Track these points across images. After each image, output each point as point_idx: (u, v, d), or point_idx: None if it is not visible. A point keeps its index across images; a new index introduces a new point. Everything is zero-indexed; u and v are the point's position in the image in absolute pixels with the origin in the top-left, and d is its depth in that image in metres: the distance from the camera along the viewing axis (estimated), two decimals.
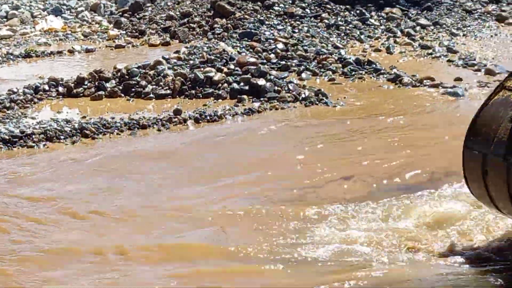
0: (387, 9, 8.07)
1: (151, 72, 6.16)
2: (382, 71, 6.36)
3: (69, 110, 5.71)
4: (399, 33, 7.58)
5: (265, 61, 6.50)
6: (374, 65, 6.44)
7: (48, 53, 7.38)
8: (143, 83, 6.05)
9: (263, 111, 5.52)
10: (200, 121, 5.33)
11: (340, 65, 6.52)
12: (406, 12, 8.06)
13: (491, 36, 7.74)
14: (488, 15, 8.42)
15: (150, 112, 5.55)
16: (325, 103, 5.66)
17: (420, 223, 3.71)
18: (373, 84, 6.19)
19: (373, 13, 7.95)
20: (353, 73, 6.36)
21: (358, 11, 7.96)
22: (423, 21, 7.93)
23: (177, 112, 5.43)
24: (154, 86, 6.04)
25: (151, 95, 5.95)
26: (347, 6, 8.01)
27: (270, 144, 4.89)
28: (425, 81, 6.07)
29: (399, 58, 6.93)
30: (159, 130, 5.18)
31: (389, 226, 3.70)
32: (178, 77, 6.03)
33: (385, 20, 7.88)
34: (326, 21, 7.69)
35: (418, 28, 7.76)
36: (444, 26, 7.92)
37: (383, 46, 7.21)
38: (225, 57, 6.36)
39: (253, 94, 5.85)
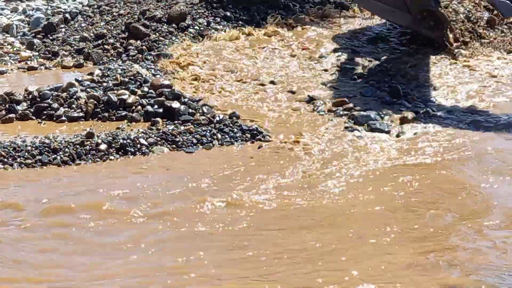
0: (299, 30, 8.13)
1: (64, 95, 6.07)
2: None
3: None
4: None
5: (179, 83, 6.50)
6: None
7: None
8: (55, 105, 5.96)
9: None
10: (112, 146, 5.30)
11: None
12: None
13: None
14: None
15: (62, 135, 5.49)
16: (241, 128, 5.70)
17: None
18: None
19: (285, 33, 8.00)
20: None
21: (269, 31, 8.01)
22: None
23: (90, 135, 5.36)
24: (66, 109, 5.96)
25: (64, 118, 5.87)
26: (261, 29, 8.05)
27: None
28: None
29: None
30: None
31: None
32: (91, 100, 5.96)
33: None
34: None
35: None
36: None
37: None
38: (139, 79, 6.32)
39: (168, 116, 5.83)
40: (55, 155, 5.15)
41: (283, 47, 7.57)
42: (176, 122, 5.73)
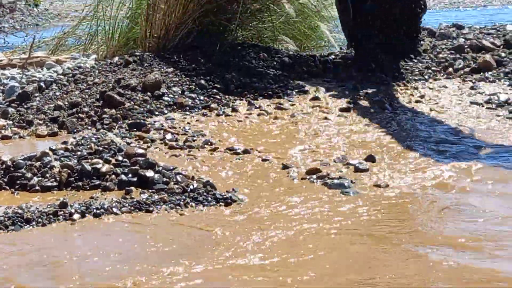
0: (276, 100, 8.20)
1: (37, 164, 6.06)
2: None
3: None
4: None
5: (154, 151, 6.52)
6: None
7: None
8: (29, 175, 5.94)
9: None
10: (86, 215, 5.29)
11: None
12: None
13: None
14: None
15: (35, 205, 5.46)
16: (215, 197, 5.72)
17: None
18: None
19: (261, 103, 8.06)
20: None
21: (247, 101, 8.07)
22: None
23: (63, 205, 5.35)
24: (40, 178, 5.94)
25: (37, 188, 5.85)
26: (235, 97, 8.13)
27: None
28: None
29: None
30: None
31: None
32: (65, 169, 5.95)
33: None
34: (215, 111, 7.76)
35: None
36: None
37: None
38: (113, 148, 6.33)
39: (142, 185, 5.83)
40: (28, 225, 5.13)
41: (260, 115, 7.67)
42: (150, 191, 5.73)
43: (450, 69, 9.34)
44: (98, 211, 5.35)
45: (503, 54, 9.65)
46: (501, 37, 10.21)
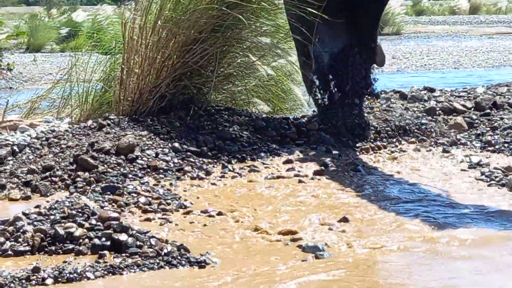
0: (250, 162, 8.24)
1: (10, 228, 6.03)
2: None
3: None
4: None
5: (127, 215, 6.52)
6: None
7: None
8: (1, 239, 5.90)
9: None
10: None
11: None
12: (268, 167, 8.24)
13: None
14: None
15: (7, 270, 5.41)
16: (189, 260, 5.69)
17: None
18: None
19: (235, 166, 8.10)
20: None
21: (221, 164, 8.10)
22: None
23: (36, 269, 5.31)
24: (13, 243, 5.90)
25: (10, 252, 5.80)
26: (209, 160, 8.15)
27: None
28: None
29: None
30: None
31: None
32: (38, 233, 5.92)
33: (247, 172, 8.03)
34: (189, 174, 7.77)
35: None
36: None
37: None
38: (87, 212, 6.31)
39: (115, 249, 5.81)
40: None
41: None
42: (123, 254, 5.71)
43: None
44: (71, 276, 5.32)
45: (474, 116, 9.80)
46: (472, 99, 10.39)
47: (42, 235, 5.93)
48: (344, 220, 6.45)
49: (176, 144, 8.26)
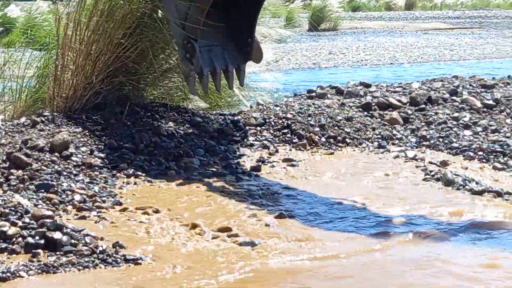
0: (186, 159, 8.21)
1: None
2: None
3: None
4: None
5: (62, 213, 6.44)
6: None
7: None
8: None
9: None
10: None
11: None
12: (206, 162, 8.22)
13: None
14: None
15: None
16: (124, 258, 5.66)
17: None
18: None
19: (171, 163, 8.05)
20: None
21: (157, 161, 8.05)
22: None
23: None
24: None
25: None
26: (147, 157, 8.10)
27: None
28: None
29: None
30: None
31: None
32: None
33: (183, 171, 7.98)
34: (125, 171, 7.70)
35: None
36: None
37: None
38: (20, 210, 6.22)
39: (49, 248, 5.73)
40: None
41: None
42: (58, 253, 5.64)
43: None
44: (4, 275, 5.24)
45: (409, 111, 9.91)
46: (407, 94, 10.50)
47: None
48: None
49: (112, 141, 8.18)
